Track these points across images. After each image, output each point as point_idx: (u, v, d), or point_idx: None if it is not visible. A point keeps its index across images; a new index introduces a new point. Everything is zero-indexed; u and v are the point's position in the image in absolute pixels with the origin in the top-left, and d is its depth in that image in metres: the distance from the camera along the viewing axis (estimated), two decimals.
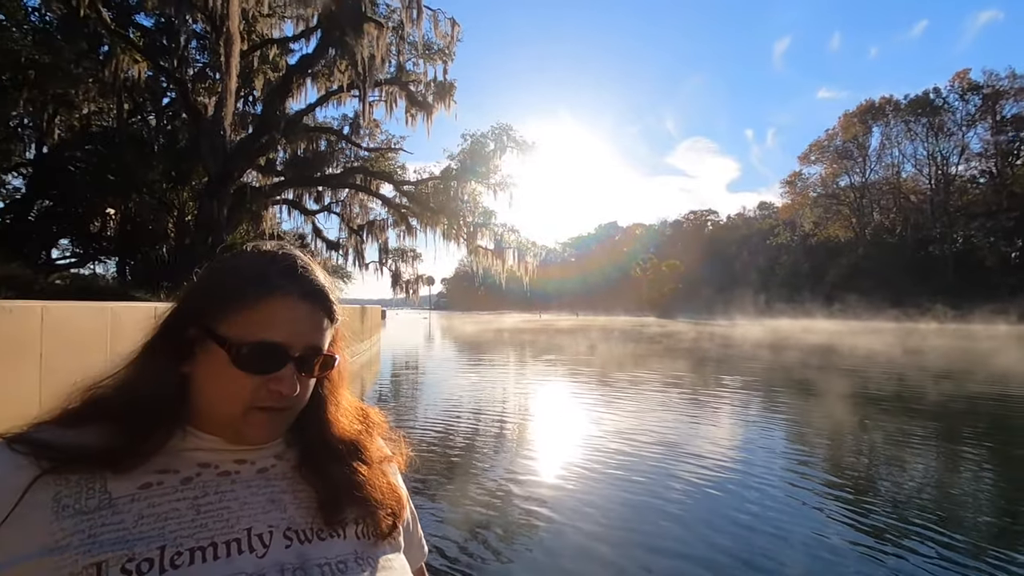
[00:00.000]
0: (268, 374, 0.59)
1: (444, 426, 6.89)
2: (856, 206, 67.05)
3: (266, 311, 0.59)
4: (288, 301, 0.60)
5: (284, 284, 0.60)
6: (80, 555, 0.50)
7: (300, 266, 0.63)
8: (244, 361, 0.58)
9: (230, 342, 0.58)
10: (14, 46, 10.24)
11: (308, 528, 0.61)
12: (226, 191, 12.77)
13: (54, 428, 0.57)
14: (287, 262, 0.63)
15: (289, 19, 14.84)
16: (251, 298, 0.59)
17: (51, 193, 13.93)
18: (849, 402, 8.72)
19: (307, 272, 0.63)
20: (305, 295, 0.61)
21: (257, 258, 0.63)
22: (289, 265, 0.62)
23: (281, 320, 0.59)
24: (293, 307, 0.60)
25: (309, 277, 0.63)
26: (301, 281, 0.62)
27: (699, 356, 17.14)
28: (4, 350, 2.15)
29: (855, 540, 3.57)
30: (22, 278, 7.98)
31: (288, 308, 0.60)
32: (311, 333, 0.62)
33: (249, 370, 0.58)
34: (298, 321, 0.61)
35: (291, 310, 0.60)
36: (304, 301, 0.61)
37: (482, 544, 3.44)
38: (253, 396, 0.59)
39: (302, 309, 0.61)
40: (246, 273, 0.61)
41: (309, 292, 0.62)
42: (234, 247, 8.49)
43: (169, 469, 0.58)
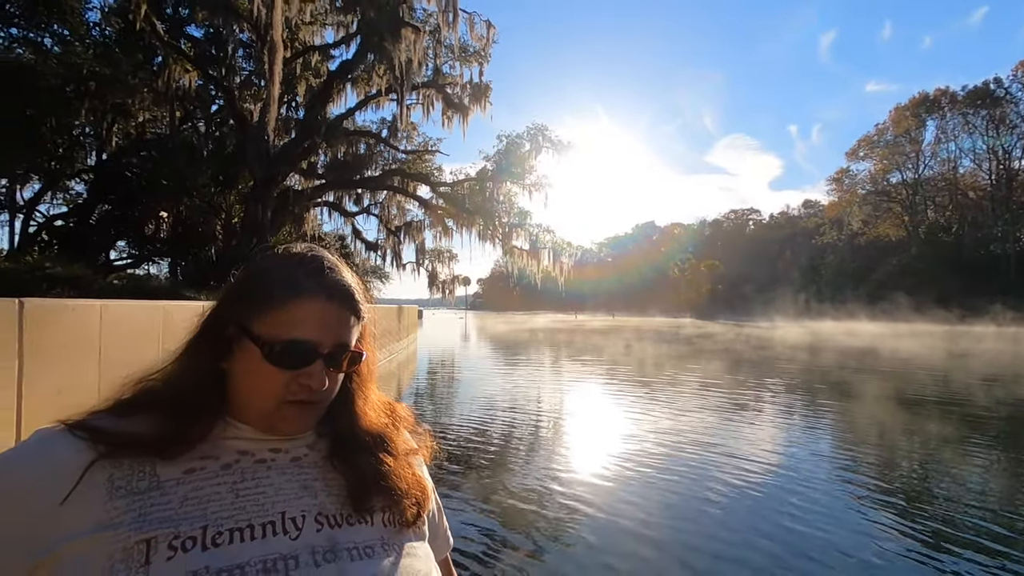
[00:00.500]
0: (298, 370, 0.63)
1: (480, 422, 6.96)
2: (908, 203, 64.06)
3: (295, 311, 0.63)
4: (316, 301, 0.64)
5: (311, 285, 0.64)
6: (132, 531, 0.54)
7: (327, 267, 0.67)
8: (276, 358, 0.62)
9: (263, 340, 0.62)
10: (77, 60, 10.86)
11: (338, 514, 0.65)
12: (270, 194, 13.23)
13: (109, 416, 0.63)
14: (314, 264, 0.66)
15: (330, 26, 15.24)
16: (280, 299, 0.63)
17: (110, 198, 14.69)
18: (901, 408, 8.36)
19: (334, 272, 0.67)
20: (332, 295, 0.65)
21: (286, 260, 0.67)
22: (316, 267, 0.66)
23: (310, 319, 0.63)
24: (321, 307, 0.64)
25: (336, 277, 0.66)
26: (328, 282, 0.65)
27: (735, 359, 16.73)
28: (68, 345, 2.30)
29: (903, 546, 3.44)
30: (84, 278, 8.47)
31: (316, 308, 0.64)
32: (338, 331, 0.65)
33: (280, 366, 0.62)
34: (326, 320, 0.64)
35: (319, 310, 0.64)
36: (331, 301, 0.65)
37: (522, 537, 3.48)
38: (285, 390, 0.63)
39: (329, 308, 0.65)
40: (276, 275, 0.65)
41: (336, 292, 0.65)
42: (272, 248, 8.70)
43: (211, 456, 0.63)
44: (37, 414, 2.03)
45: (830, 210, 73.99)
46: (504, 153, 17.16)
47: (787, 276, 72.22)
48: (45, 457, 0.57)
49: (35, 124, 10.67)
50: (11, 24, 10.92)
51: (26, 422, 2.01)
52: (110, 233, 15.21)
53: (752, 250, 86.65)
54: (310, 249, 0.69)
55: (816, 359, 16.74)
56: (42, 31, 11.38)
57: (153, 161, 14.57)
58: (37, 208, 15.02)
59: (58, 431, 0.59)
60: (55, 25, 11.38)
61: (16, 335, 1.97)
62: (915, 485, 4.92)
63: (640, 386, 10.50)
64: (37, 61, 10.32)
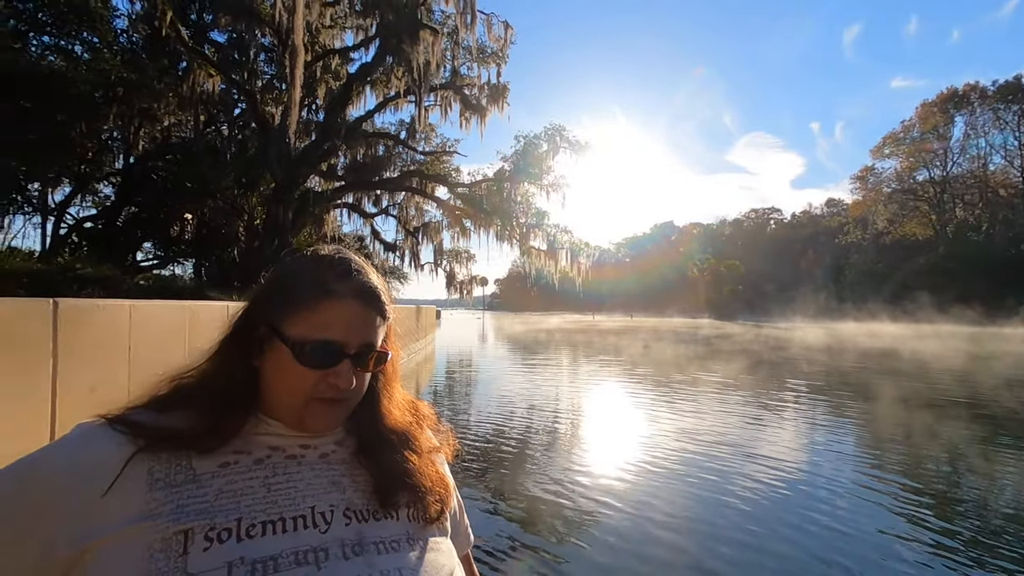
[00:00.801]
0: (326, 369, 0.65)
1: (499, 421, 6.98)
2: (936, 202, 62.45)
3: (324, 313, 0.65)
4: (344, 303, 0.66)
5: (340, 287, 0.67)
6: (170, 522, 0.57)
7: (354, 269, 0.69)
8: (305, 358, 0.64)
9: (293, 341, 0.64)
10: (106, 66, 11.13)
11: (365, 509, 0.67)
12: (291, 196, 13.43)
13: (146, 412, 0.65)
14: (343, 266, 0.69)
15: (349, 29, 15.40)
16: (310, 301, 0.65)
17: (136, 200, 15.04)
18: (928, 412, 8.17)
19: (361, 275, 0.69)
20: (359, 296, 0.67)
21: (315, 263, 0.69)
22: (344, 269, 0.68)
23: (338, 321, 0.66)
24: (348, 308, 0.67)
25: (363, 279, 0.69)
26: (355, 283, 0.68)
27: (755, 360, 16.50)
28: (99, 344, 2.37)
29: (927, 548, 3.37)
30: (113, 279, 8.69)
31: (344, 309, 0.66)
32: (365, 331, 0.68)
33: (309, 366, 0.64)
34: (353, 321, 0.67)
35: (347, 311, 0.66)
36: (358, 302, 0.67)
37: (543, 533, 3.48)
38: (314, 389, 0.65)
39: (357, 310, 0.67)
40: (305, 277, 0.67)
41: (363, 293, 0.68)
42: (298, 250, 8.82)
43: (243, 451, 0.66)
44: (71, 411, 2.10)
45: (854, 209, 72.46)
46: (522, 153, 17.17)
47: (810, 276, 70.95)
48: (88, 450, 0.60)
49: (66, 129, 10.97)
50: (43, 32, 11.25)
51: (60, 418, 2.08)
52: (137, 235, 15.58)
53: (773, 250, 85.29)
54: (337, 251, 0.72)
55: (839, 361, 16.43)
56: (73, 39, 11.70)
57: (178, 164, 14.89)
58: (67, 211, 15.44)
59: (99, 425, 0.62)
60: (85, 33, 11.69)
61: (51, 334, 2.04)
62: (941, 488, 4.80)
63: (657, 386, 10.42)
64: (68, 68, 10.61)
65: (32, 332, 2.00)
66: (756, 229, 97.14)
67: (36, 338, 2.00)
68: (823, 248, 75.84)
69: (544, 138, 17.14)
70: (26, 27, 10.99)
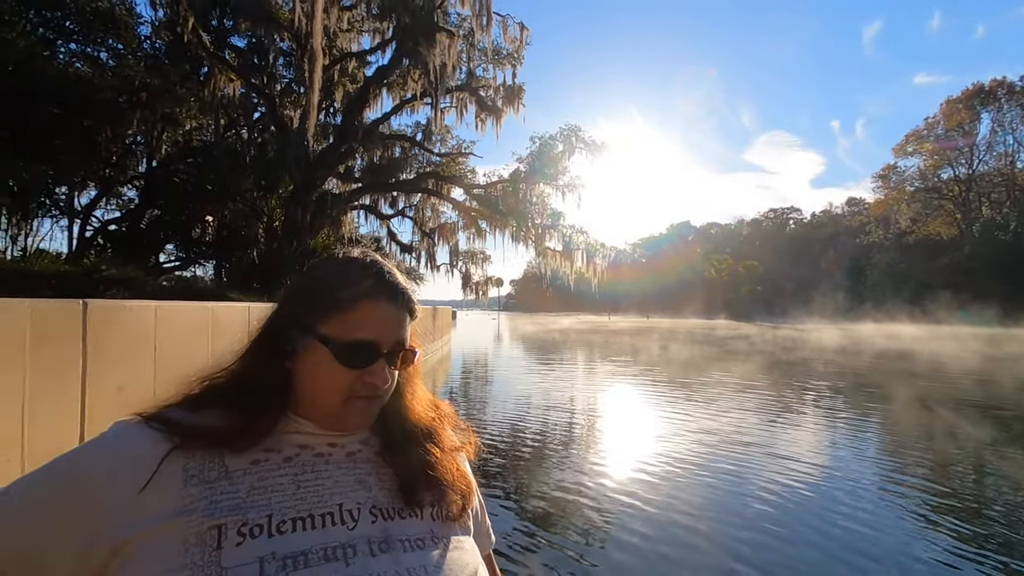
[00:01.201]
0: (364, 368, 0.68)
1: (515, 420, 7.00)
2: (961, 200, 60.99)
3: (359, 313, 0.68)
4: (377, 303, 0.69)
5: (372, 288, 0.69)
6: (205, 518, 0.59)
7: (385, 271, 0.72)
8: (344, 358, 0.67)
9: (331, 341, 0.67)
10: (130, 72, 11.38)
11: (390, 507, 0.68)
12: (309, 198, 13.59)
13: (180, 410, 0.68)
14: (374, 268, 0.72)
15: (366, 33, 15.55)
16: (346, 302, 0.68)
17: (159, 203, 15.33)
18: (949, 416, 7.99)
19: (391, 276, 0.72)
20: (391, 297, 0.70)
21: (346, 265, 0.72)
22: (376, 271, 0.71)
23: (372, 320, 0.68)
24: (382, 308, 0.69)
25: (393, 280, 0.72)
26: (386, 285, 0.71)
27: (776, 363, 16.28)
28: (127, 343, 2.43)
29: (951, 549, 3.30)
30: (137, 280, 8.88)
31: (377, 310, 0.69)
32: (396, 330, 0.71)
33: (348, 366, 0.67)
34: (386, 321, 0.69)
35: (380, 311, 0.69)
36: (390, 303, 0.70)
37: (559, 534, 3.48)
38: (351, 388, 0.68)
39: (389, 310, 0.70)
40: (339, 280, 0.70)
41: (394, 294, 0.71)
42: (316, 251, 8.95)
43: (274, 449, 0.68)
44: (99, 409, 2.16)
45: (876, 208, 71.06)
46: (537, 154, 17.17)
47: (829, 277, 69.79)
48: (126, 447, 0.62)
49: (92, 134, 11.24)
50: (71, 40, 11.54)
51: (89, 417, 2.13)
52: (159, 237, 15.89)
53: (793, 250, 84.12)
54: (366, 254, 0.74)
55: (857, 363, 16.15)
56: (98, 46, 11.97)
57: (199, 167, 15.16)
58: (93, 213, 15.79)
59: (136, 423, 0.65)
60: (110, 40, 11.96)
61: (81, 334, 2.10)
62: (967, 492, 4.70)
63: (673, 387, 10.34)
64: (94, 74, 10.86)
65: (63, 332, 2.06)
66: (775, 229, 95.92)
67: (67, 338, 2.06)
68: (844, 248, 74.55)
69: (560, 139, 17.13)
70: (54, 35, 11.29)
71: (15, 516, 0.59)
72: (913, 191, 65.34)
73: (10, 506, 0.60)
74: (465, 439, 0.84)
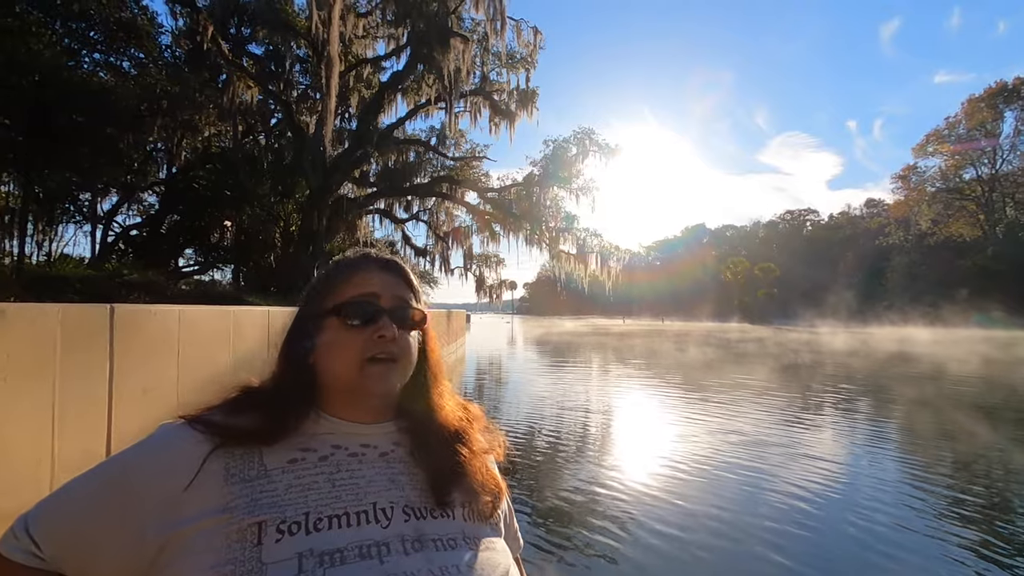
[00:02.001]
0: (370, 324, 0.73)
1: (532, 421, 7.00)
2: (984, 201, 59.71)
3: (355, 280, 0.76)
4: (371, 270, 0.78)
5: (364, 262, 0.79)
6: (245, 515, 0.61)
7: (375, 254, 0.81)
8: (348, 314, 0.73)
9: (334, 306, 0.73)
10: (151, 80, 11.61)
11: (422, 507, 0.70)
12: (325, 203, 13.74)
13: (220, 412, 0.71)
14: (369, 251, 0.81)
15: (381, 39, 15.71)
16: (344, 275, 0.77)
17: (179, 208, 15.60)
18: (973, 421, 7.82)
19: (384, 255, 0.81)
20: (383, 267, 0.79)
21: (346, 256, 0.82)
22: (367, 253, 0.81)
23: (368, 282, 0.76)
24: (376, 273, 0.78)
25: (386, 258, 0.81)
26: (379, 260, 0.80)
27: (798, 367, 16.07)
28: (151, 347, 2.48)
29: (974, 555, 3.23)
30: (158, 284, 9.05)
31: (371, 274, 0.77)
32: (395, 288, 0.77)
33: (352, 318, 0.73)
34: (382, 281, 0.77)
35: (374, 275, 0.77)
36: (384, 271, 0.79)
37: (581, 536, 3.47)
38: (365, 348, 0.72)
39: (384, 275, 0.78)
40: (338, 265, 0.80)
41: (386, 265, 0.80)
42: (332, 255, 9.07)
43: (310, 448, 0.70)
44: (125, 412, 2.20)
45: (895, 209, 69.77)
46: (551, 158, 17.19)
47: (849, 279, 68.77)
48: (171, 447, 0.66)
49: (114, 141, 11.47)
50: (94, 50, 11.81)
51: (116, 419, 2.18)
52: (179, 241, 16.16)
53: (810, 252, 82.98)
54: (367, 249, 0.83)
55: (877, 368, 15.87)
56: (121, 55, 12.24)
57: (218, 173, 15.39)
58: (115, 219, 16.11)
59: (179, 425, 0.68)
60: (132, 49, 12.22)
61: (108, 338, 2.15)
62: (994, 499, 4.59)
63: (686, 390, 10.24)
64: (117, 83, 11.10)
65: (92, 337, 2.11)
66: (791, 231, 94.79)
67: (95, 342, 2.11)
68: (863, 250, 73.39)
69: (573, 142, 17.14)
70: (78, 45, 11.57)
71: (71, 512, 0.63)
72: (934, 192, 64.10)
73: (66, 503, 0.65)
74: (494, 441, 0.86)
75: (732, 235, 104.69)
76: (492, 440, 0.86)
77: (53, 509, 0.65)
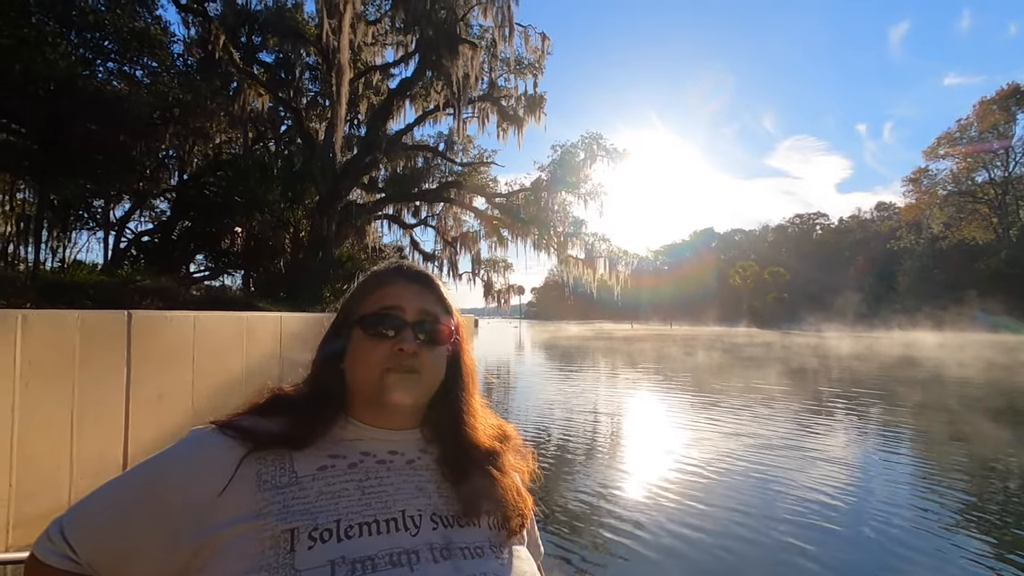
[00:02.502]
0: (390, 335, 0.73)
1: (543, 424, 6.97)
2: (997, 204, 58.95)
3: (383, 291, 0.77)
4: (399, 282, 0.78)
5: (391, 273, 0.80)
6: (279, 521, 0.61)
7: (405, 265, 0.83)
8: (371, 325, 0.74)
9: (361, 318, 0.75)
10: (164, 88, 11.76)
11: (449, 515, 0.70)
12: (334, 209, 13.83)
13: (249, 418, 0.72)
14: (402, 263, 0.83)
15: (390, 46, 15.84)
16: (373, 287, 0.78)
17: (190, 215, 15.74)
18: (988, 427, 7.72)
19: (415, 267, 0.82)
20: (411, 279, 0.79)
21: (380, 267, 0.83)
22: (396, 263, 0.83)
23: (394, 294, 0.76)
24: (404, 286, 0.78)
25: (417, 271, 0.82)
26: (408, 272, 0.81)
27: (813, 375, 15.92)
28: (167, 353, 2.51)
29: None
30: (169, 290, 9.14)
31: (399, 287, 0.78)
32: (420, 300, 0.77)
33: (375, 333, 0.73)
34: (409, 294, 0.77)
35: (401, 287, 0.78)
36: (413, 283, 0.79)
37: (596, 544, 3.46)
38: (385, 359, 0.72)
39: (411, 288, 0.78)
40: (372, 274, 0.81)
41: (413, 276, 0.80)
42: (341, 260, 9.05)
43: (339, 455, 0.71)
44: (142, 416, 2.23)
45: (907, 213, 69.02)
46: (559, 163, 17.22)
47: (859, 283, 68.11)
48: (203, 453, 0.66)
49: (127, 149, 11.63)
50: (109, 59, 11.98)
51: (132, 423, 2.20)
52: (190, 247, 16.30)
53: (820, 256, 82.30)
54: (404, 261, 0.85)
55: (891, 374, 15.69)
56: (135, 64, 12.40)
57: (228, 180, 15.52)
58: (127, 225, 16.30)
59: (211, 430, 0.69)
60: (146, 58, 12.38)
61: (126, 344, 2.18)
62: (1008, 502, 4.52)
63: (697, 394, 10.18)
64: (130, 92, 11.25)
65: (110, 342, 2.13)
66: (801, 235, 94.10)
67: (113, 348, 2.14)
68: (873, 254, 72.71)
69: (581, 147, 17.16)
70: (93, 55, 11.74)
71: (106, 517, 0.65)
72: (946, 195, 63.37)
73: (102, 508, 0.66)
74: (523, 462, 0.86)
75: (741, 239, 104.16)
76: (522, 461, 0.86)
77: (89, 513, 0.65)
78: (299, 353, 3.16)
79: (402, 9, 13.88)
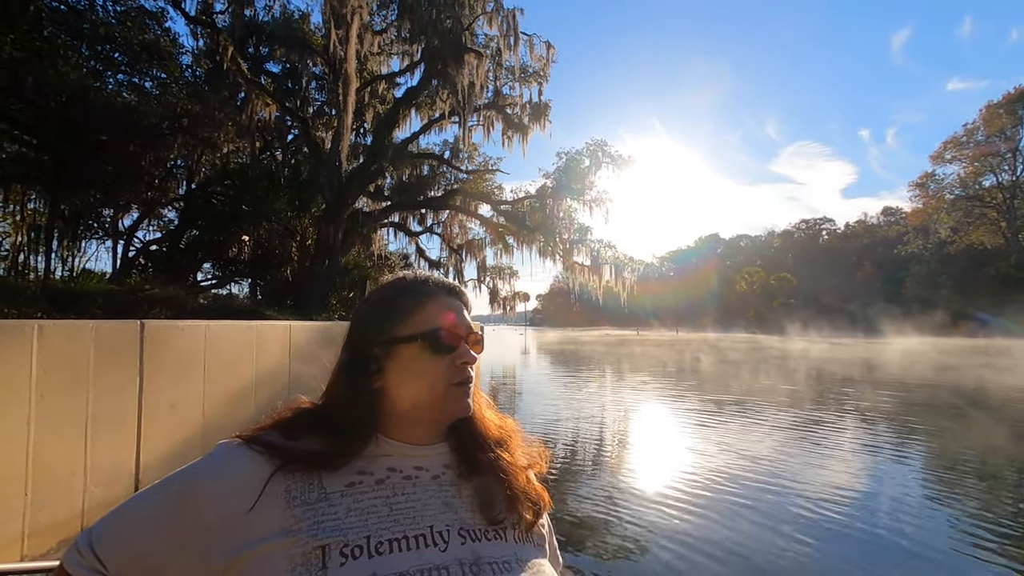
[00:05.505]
0: (454, 350, 0.74)
1: (550, 430, 6.95)
2: (1005, 208, 58.52)
3: (430, 309, 0.76)
4: (440, 298, 0.78)
5: (432, 288, 0.79)
6: (309, 538, 0.61)
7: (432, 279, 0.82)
8: (435, 344, 0.73)
9: (419, 336, 0.73)
10: (173, 99, 11.88)
11: (476, 529, 0.70)
12: (341, 217, 13.89)
13: (276, 434, 0.71)
14: (424, 277, 0.82)
15: (396, 55, 15.95)
16: (416, 305, 0.76)
17: (197, 224, 15.82)
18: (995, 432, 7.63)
19: (445, 280, 0.83)
20: (449, 292, 0.80)
21: (402, 281, 0.80)
22: (427, 277, 0.82)
23: (443, 311, 0.77)
24: (447, 302, 0.78)
25: (450, 284, 0.83)
26: (445, 286, 0.81)
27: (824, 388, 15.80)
28: (179, 362, 2.52)
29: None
30: (178, 298, 9.16)
31: (443, 303, 0.78)
32: (463, 316, 0.78)
33: (440, 350, 0.73)
34: (453, 309, 0.77)
35: (446, 304, 0.78)
36: (451, 296, 0.80)
37: (608, 552, 3.43)
38: (449, 373, 0.73)
39: (452, 302, 0.79)
40: (404, 291, 0.78)
41: (450, 291, 0.81)
42: (347, 268, 9.08)
43: (366, 471, 0.70)
44: (154, 426, 2.23)
45: (914, 218, 68.59)
46: (564, 170, 17.25)
47: (867, 288, 67.67)
48: (232, 468, 0.66)
49: (136, 159, 11.73)
50: (119, 71, 12.12)
51: (145, 433, 2.21)
52: (197, 256, 16.36)
53: (827, 261, 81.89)
54: (412, 272, 0.83)
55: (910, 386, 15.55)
56: (144, 76, 12.54)
57: (235, 189, 15.60)
58: (135, 234, 16.40)
59: (238, 445, 0.68)
60: (155, 69, 12.53)
61: (138, 354, 2.19)
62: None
63: (703, 401, 10.12)
64: (140, 102, 11.37)
65: (123, 352, 2.15)
66: (807, 240, 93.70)
67: (126, 358, 2.15)
68: (880, 259, 72.26)
69: (586, 154, 17.19)
70: (103, 67, 11.88)
71: (136, 531, 0.64)
72: (953, 199, 62.96)
73: (132, 522, 0.65)
74: (534, 452, 0.86)
75: (746, 245, 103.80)
76: (533, 452, 0.86)
77: (118, 527, 0.65)
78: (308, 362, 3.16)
79: (408, 19, 13.98)
